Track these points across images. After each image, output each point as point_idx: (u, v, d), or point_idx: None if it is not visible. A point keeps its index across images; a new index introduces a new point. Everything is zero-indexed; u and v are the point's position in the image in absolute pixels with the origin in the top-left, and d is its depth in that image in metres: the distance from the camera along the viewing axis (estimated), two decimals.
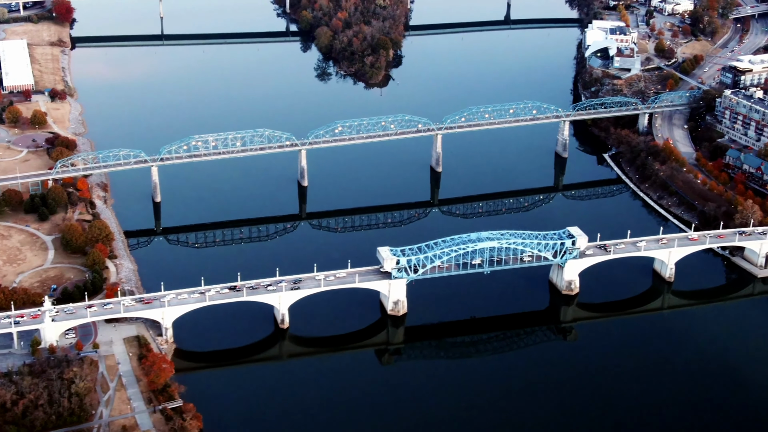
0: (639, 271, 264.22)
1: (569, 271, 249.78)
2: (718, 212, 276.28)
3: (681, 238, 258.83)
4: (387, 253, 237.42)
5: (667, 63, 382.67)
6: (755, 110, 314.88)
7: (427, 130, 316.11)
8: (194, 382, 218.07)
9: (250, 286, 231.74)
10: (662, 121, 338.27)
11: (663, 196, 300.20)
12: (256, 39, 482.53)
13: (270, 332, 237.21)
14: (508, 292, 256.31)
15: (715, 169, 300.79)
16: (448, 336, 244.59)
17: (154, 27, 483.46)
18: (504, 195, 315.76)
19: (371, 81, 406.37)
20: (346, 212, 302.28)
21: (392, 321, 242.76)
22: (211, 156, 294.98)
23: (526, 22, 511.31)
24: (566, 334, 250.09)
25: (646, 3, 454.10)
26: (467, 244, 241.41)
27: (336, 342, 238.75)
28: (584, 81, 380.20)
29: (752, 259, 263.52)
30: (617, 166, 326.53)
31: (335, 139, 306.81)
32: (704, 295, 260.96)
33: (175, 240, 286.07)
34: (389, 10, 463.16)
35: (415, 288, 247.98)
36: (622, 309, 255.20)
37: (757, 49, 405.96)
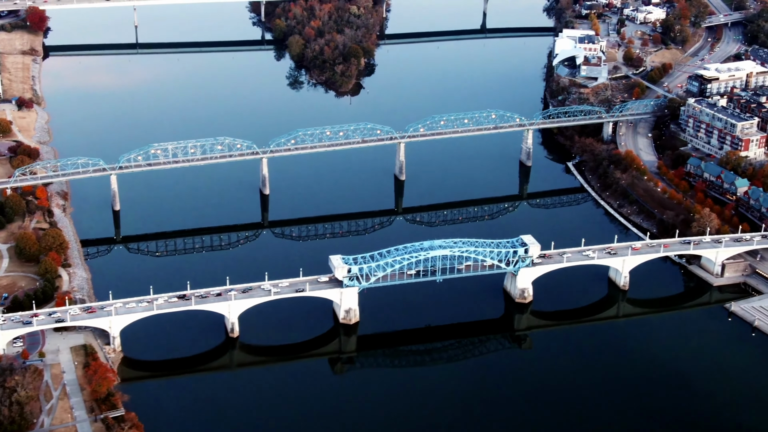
0: (594, 280, 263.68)
1: (522, 279, 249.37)
2: (676, 220, 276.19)
3: (624, 247, 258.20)
4: (338, 261, 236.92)
5: (635, 71, 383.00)
6: (718, 118, 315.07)
7: (389, 139, 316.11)
8: (140, 391, 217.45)
9: (200, 294, 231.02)
10: (626, 130, 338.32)
11: (623, 204, 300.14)
12: (231, 48, 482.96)
13: (220, 341, 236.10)
14: (463, 301, 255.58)
15: (677, 178, 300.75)
16: (402, 344, 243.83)
17: (129, 36, 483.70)
18: (469, 203, 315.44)
19: (341, 89, 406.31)
20: (309, 221, 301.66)
21: (344, 330, 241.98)
22: (170, 164, 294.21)
23: (502, 31, 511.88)
24: (521, 342, 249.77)
25: (619, 12, 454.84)
26: (419, 252, 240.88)
27: (288, 351, 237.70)
28: (551, 90, 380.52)
29: (708, 267, 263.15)
30: (580, 175, 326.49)
31: (297, 147, 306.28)
32: (660, 304, 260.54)
33: (135, 249, 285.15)
34: (363, 19, 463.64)
35: (369, 296, 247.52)
36: (577, 317, 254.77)
37: (727, 57, 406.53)
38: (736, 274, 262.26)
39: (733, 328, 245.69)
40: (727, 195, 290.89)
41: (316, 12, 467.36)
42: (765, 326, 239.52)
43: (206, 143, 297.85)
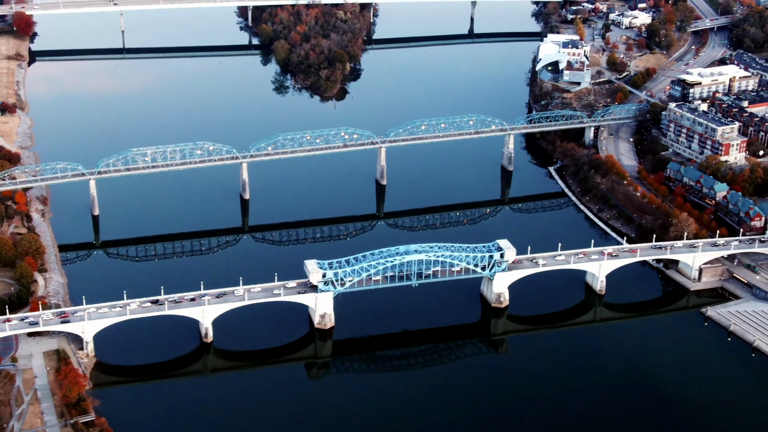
0: (572, 284, 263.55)
1: (498, 283, 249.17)
2: (655, 225, 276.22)
3: (597, 252, 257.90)
4: (313, 266, 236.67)
5: (618, 76, 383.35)
6: (698, 123, 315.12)
7: (371, 144, 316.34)
8: (112, 397, 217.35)
9: (173, 299, 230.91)
10: (608, 135, 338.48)
11: (603, 209, 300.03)
12: (218, 52, 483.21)
13: (195, 347, 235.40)
14: (440, 305, 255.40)
15: (656, 182, 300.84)
16: (379, 349, 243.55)
17: (116, 41, 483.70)
18: (450, 208, 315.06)
19: (326, 94, 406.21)
20: (289, 225, 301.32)
21: (319, 334, 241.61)
22: (150, 169, 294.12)
23: (490, 36, 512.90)
24: (497, 347, 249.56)
25: (604, 17, 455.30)
26: (395, 257, 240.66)
27: (263, 356, 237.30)
28: (535, 94, 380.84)
29: (686, 272, 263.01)
30: (561, 180, 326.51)
31: (277, 152, 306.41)
32: (637, 308, 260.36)
33: (115, 253, 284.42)
34: (349, 24, 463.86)
35: (346, 301, 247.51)
36: (554, 322, 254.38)
37: (712, 62, 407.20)
38: (713, 278, 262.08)
39: (709, 333, 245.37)
40: (706, 199, 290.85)
41: (303, 17, 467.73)
42: (740, 331, 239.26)
43: (186, 148, 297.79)
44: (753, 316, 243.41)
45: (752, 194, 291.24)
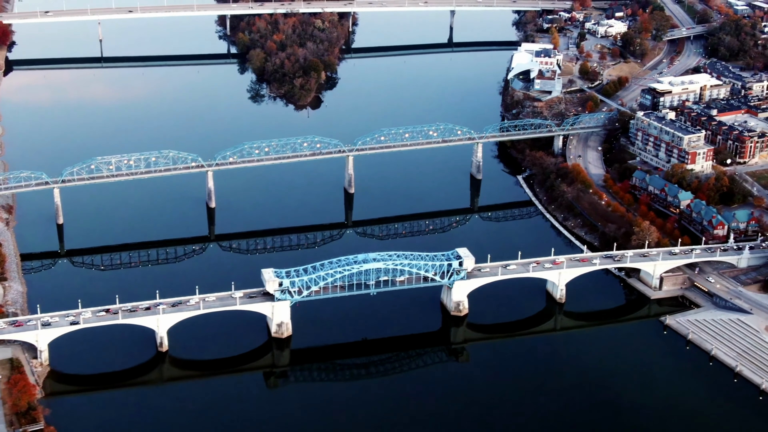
0: (533, 293, 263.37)
1: (457, 292, 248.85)
2: (618, 233, 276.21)
3: (546, 261, 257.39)
4: (270, 274, 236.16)
5: (590, 85, 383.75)
6: (665, 132, 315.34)
7: (338, 152, 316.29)
8: (65, 406, 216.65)
9: (128, 308, 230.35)
10: (577, 143, 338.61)
11: (568, 217, 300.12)
12: (197, 61, 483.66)
13: (150, 356, 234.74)
14: (401, 314, 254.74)
15: (622, 191, 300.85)
16: (338, 358, 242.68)
17: (94, 50, 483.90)
18: (420, 216, 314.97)
19: (300, 102, 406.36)
20: (257, 234, 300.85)
21: (277, 344, 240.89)
22: (113, 178, 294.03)
23: (469, 45, 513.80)
24: (458, 355, 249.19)
25: (580, 26, 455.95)
26: (353, 265, 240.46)
27: (220, 365, 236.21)
28: (506, 103, 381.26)
29: (647, 280, 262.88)
30: (529, 188, 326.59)
31: (243, 160, 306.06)
32: (597, 317, 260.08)
33: (80, 262, 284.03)
34: (327, 33, 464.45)
35: (306, 310, 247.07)
36: (515, 330, 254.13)
37: (686, 70, 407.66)
38: (674, 287, 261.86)
39: (668, 341, 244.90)
40: (670, 208, 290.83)
41: (280, 26, 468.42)
42: (699, 340, 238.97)
43: (150, 156, 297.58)
44: (711, 324, 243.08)
45: (718, 203, 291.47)
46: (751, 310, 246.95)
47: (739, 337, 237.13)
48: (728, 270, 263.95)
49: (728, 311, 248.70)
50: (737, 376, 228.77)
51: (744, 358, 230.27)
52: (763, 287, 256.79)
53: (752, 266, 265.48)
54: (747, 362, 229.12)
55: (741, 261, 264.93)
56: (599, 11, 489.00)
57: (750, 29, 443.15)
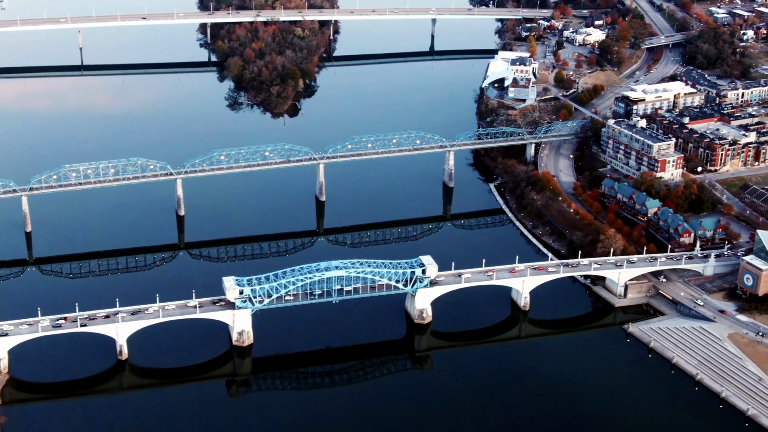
0: (498, 301, 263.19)
1: (420, 299, 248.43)
2: (584, 241, 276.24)
3: (502, 270, 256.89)
4: (230, 282, 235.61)
5: (565, 93, 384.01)
6: (635, 140, 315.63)
7: (309, 160, 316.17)
8: (23, 414, 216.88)
9: (86, 317, 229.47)
10: (549, 151, 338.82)
11: (537, 225, 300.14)
12: (178, 69, 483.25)
13: (111, 364, 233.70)
14: (365, 322, 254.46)
15: (591, 199, 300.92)
16: (301, 366, 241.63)
17: (74, 57, 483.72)
18: (392, 224, 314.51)
19: (276, 110, 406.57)
20: (227, 242, 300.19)
21: (238, 352, 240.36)
22: (82, 185, 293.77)
23: (450, 53, 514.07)
24: (422, 363, 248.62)
25: (558, 34, 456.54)
26: (315, 273, 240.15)
27: (181, 374, 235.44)
28: (481, 111, 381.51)
29: (612, 288, 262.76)
30: (500, 196, 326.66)
31: (212, 168, 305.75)
32: (562, 325, 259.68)
33: (49, 270, 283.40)
34: (306, 41, 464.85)
35: (269, 318, 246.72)
36: (480, 338, 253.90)
37: (662, 78, 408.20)
38: (639, 295, 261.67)
39: (631, 349, 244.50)
40: (638, 216, 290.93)
41: (260, 34, 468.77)
42: (661, 347, 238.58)
43: (119, 164, 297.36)
44: (674, 332, 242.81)
45: (687, 210, 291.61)
46: (714, 318, 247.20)
47: (701, 345, 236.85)
48: (694, 278, 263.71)
49: (692, 319, 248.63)
50: (698, 384, 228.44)
51: (705, 366, 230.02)
52: (728, 295, 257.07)
53: (718, 274, 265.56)
54: (708, 370, 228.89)
55: (707, 269, 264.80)
56: (579, 19, 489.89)
57: (728, 37, 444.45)
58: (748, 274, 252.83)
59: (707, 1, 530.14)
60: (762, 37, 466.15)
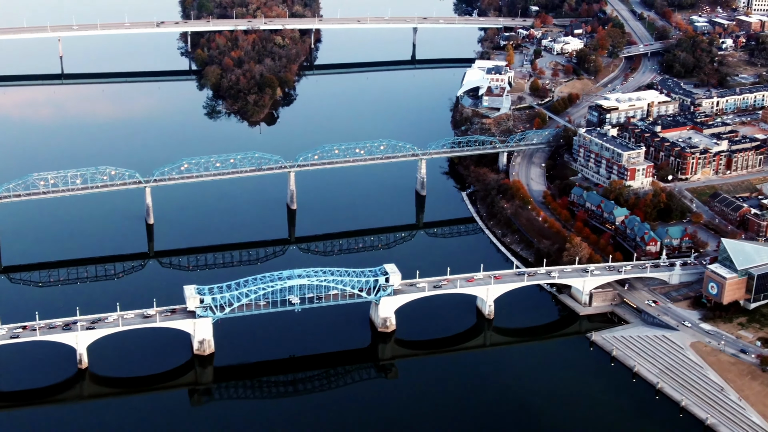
0: (464, 309, 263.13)
1: (384, 308, 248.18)
2: (551, 249, 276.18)
3: (462, 278, 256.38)
4: (191, 291, 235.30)
5: (540, 102, 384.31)
6: (605, 148, 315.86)
7: (280, 168, 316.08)
8: None
9: (44, 325, 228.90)
10: (521, 160, 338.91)
11: (506, 233, 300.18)
12: (158, 77, 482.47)
13: (72, 373, 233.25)
14: (330, 331, 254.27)
15: (560, 207, 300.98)
16: (264, 375, 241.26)
17: (55, 66, 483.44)
18: (365, 233, 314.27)
19: (253, 119, 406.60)
20: (198, 250, 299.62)
21: (199, 361, 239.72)
22: (50, 194, 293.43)
23: (432, 62, 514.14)
24: (387, 372, 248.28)
25: (537, 43, 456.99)
26: (277, 282, 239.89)
27: (143, 382, 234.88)
28: (455, 120, 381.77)
29: (577, 296, 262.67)
30: (472, 204, 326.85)
31: (182, 176, 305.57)
32: (527, 333, 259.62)
33: (18, 279, 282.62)
34: (286, 50, 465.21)
35: (233, 326, 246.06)
36: (445, 346, 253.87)
37: (639, 87, 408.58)
38: (604, 303, 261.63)
39: (593, 358, 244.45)
40: (606, 224, 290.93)
41: (240, 42, 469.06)
42: (623, 356, 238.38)
43: (87, 172, 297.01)
44: (636, 341, 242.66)
45: (655, 219, 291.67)
46: (677, 326, 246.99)
47: (663, 353, 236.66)
48: (659, 286, 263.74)
49: (655, 328, 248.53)
50: (659, 393, 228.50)
51: (666, 375, 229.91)
52: (693, 304, 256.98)
53: (684, 283, 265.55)
54: (669, 379, 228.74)
55: (672, 277, 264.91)
56: (560, 28, 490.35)
57: (707, 46, 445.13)
58: (712, 283, 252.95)
59: (689, 10, 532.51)
60: (741, 46, 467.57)
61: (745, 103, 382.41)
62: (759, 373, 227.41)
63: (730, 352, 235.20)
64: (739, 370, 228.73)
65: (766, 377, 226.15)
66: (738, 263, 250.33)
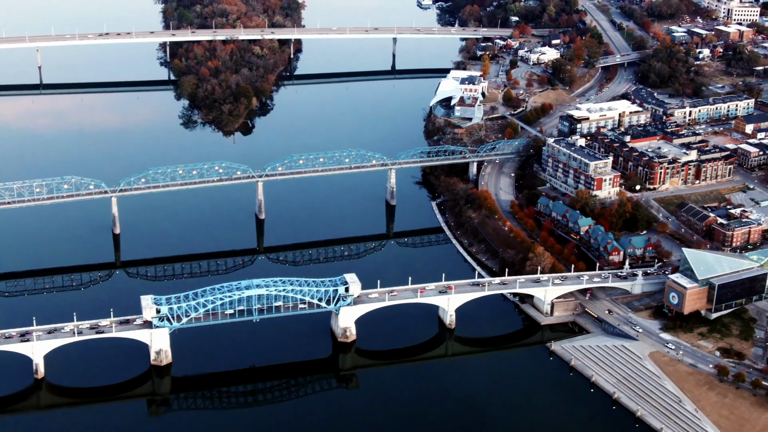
0: (427, 319, 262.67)
1: (344, 318, 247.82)
2: (516, 259, 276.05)
3: (413, 289, 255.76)
4: (147, 301, 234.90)
5: (513, 112, 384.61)
6: (573, 158, 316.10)
7: (247, 178, 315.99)
8: None
9: (0, 335, 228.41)
10: (492, 170, 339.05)
11: (473, 243, 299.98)
12: (137, 87, 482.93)
13: (29, 383, 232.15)
14: (292, 341, 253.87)
15: (527, 217, 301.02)
16: (224, 385, 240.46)
17: (33, 77, 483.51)
18: (335, 242, 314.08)
19: (227, 128, 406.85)
20: (165, 260, 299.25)
21: (156, 371, 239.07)
22: (16, 204, 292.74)
23: (411, 72, 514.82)
24: (348, 382, 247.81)
25: (513, 53, 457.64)
26: (235, 292, 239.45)
27: (100, 393, 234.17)
28: (428, 130, 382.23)
29: (539, 306, 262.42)
30: (441, 214, 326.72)
31: (148, 186, 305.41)
32: (488, 343, 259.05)
33: None
34: (264, 60, 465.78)
35: (193, 337, 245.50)
36: (407, 356, 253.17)
37: (613, 96, 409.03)
38: (565, 313, 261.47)
39: (552, 368, 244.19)
40: (571, 234, 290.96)
41: (217, 52, 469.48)
42: (581, 366, 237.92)
43: (53, 182, 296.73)
44: (595, 350, 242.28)
45: (621, 229, 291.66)
46: (637, 336, 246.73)
47: (621, 363, 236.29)
48: (621, 296, 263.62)
49: (615, 337, 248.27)
50: (615, 403, 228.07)
51: (623, 385, 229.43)
52: (654, 314, 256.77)
53: (646, 292, 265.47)
54: (626, 389, 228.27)
55: (635, 287, 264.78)
56: (538, 39, 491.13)
57: (683, 56, 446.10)
58: (673, 293, 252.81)
59: (669, 20, 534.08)
60: (718, 56, 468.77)
61: (718, 113, 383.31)
62: (716, 383, 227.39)
63: (688, 362, 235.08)
64: (697, 381, 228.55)
65: (723, 387, 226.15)
66: (699, 273, 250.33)
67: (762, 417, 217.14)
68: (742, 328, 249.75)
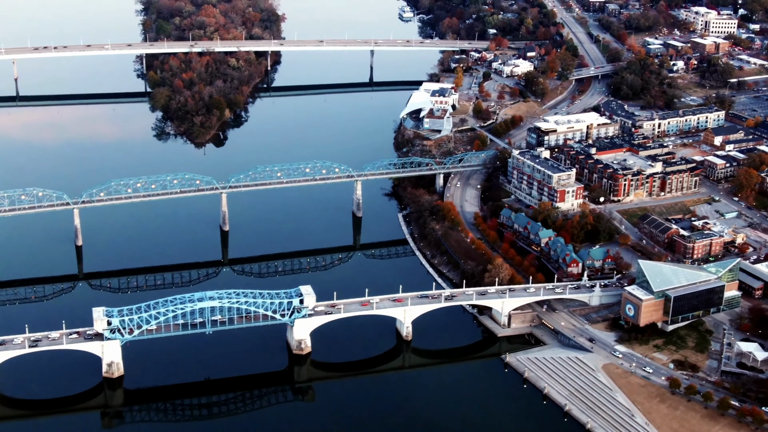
0: (384, 330, 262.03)
1: (299, 330, 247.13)
2: (476, 270, 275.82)
3: (360, 300, 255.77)
4: (98, 313, 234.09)
5: (482, 124, 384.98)
6: (537, 170, 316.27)
7: (211, 189, 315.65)
8: None
9: None
10: (459, 181, 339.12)
11: (435, 255, 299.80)
12: (113, 99, 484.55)
13: None
14: (247, 353, 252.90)
15: (490, 228, 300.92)
16: (178, 398, 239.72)
17: (9, 89, 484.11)
18: (301, 254, 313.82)
19: (198, 140, 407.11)
20: (129, 272, 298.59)
21: (108, 384, 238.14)
22: None
23: (389, 84, 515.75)
24: (303, 394, 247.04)
25: (487, 65, 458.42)
26: (187, 303, 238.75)
27: (53, 405, 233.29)
28: (397, 141, 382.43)
29: (497, 318, 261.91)
30: (406, 226, 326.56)
31: (110, 198, 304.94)
32: (445, 355, 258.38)
33: None
34: (239, 71, 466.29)
35: (146, 349, 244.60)
36: (364, 368, 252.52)
37: (585, 109, 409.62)
38: (523, 324, 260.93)
39: (506, 380, 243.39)
40: (532, 245, 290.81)
41: (193, 64, 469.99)
42: (534, 378, 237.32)
43: (14, 194, 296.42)
44: (549, 362, 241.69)
45: (583, 240, 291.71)
46: (591, 348, 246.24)
47: (574, 375, 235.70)
48: (579, 308, 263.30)
49: (570, 349, 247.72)
50: (567, 415, 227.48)
51: (575, 397, 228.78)
52: (610, 326, 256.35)
53: (604, 304, 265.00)
54: (577, 401, 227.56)
55: (593, 299, 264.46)
56: (514, 51, 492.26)
57: (657, 68, 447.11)
58: (629, 305, 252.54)
59: (646, 33, 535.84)
60: (693, 68, 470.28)
61: (688, 125, 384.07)
62: (668, 396, 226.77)
63: (641, 374, 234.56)
64: (649, 393, 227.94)
65: (674, 400, 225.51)
66: (654, 285, 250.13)
67: (712, 430, 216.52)
68: (698, 341, 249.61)
